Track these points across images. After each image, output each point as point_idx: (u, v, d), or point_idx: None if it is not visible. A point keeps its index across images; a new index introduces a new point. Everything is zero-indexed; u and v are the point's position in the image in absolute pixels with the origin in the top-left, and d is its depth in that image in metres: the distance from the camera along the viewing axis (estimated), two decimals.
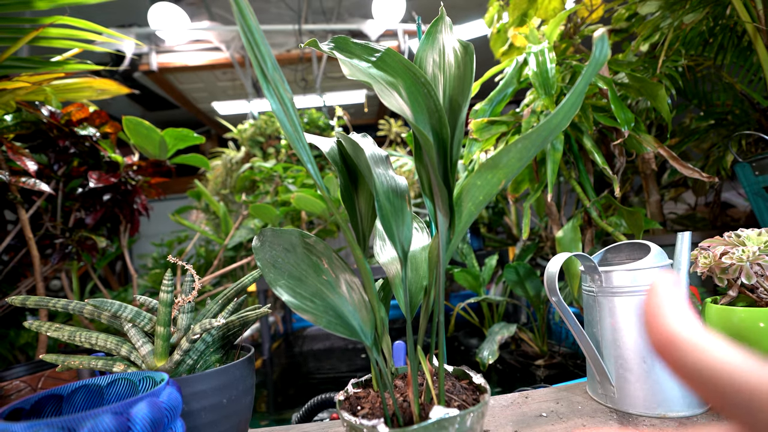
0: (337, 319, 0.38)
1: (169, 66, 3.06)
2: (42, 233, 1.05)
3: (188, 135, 1.12)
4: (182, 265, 0.54)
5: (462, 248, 1.83)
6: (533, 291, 1.43)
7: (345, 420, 0.36)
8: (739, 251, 0.54)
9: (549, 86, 0.98)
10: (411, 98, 0.35)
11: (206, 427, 0.45)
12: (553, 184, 0.96)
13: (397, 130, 2.81)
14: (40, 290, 0.97)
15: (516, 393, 0.62)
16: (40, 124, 0.98)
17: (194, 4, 2.98)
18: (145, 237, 3.13)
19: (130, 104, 4.02)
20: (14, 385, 0.82)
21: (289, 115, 0.34)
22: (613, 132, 1.06)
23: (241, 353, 0.54)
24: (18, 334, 1.22)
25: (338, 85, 3.75)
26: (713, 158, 1.38)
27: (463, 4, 3.10)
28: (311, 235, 0.45)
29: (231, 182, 2.42)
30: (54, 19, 0.84)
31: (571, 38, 1.25)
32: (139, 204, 1.17)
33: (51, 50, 0.95)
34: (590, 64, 0.27)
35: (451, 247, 0.38)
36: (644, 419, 0.49)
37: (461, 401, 0.39)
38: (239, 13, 0.29)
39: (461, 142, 0.37)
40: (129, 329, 0.49)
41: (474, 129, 1.09)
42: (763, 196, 0.99)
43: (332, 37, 0.37)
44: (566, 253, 0.52)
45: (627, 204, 1.71)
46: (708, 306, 0.56)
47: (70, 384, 0.41)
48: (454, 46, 0.40)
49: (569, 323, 0.53)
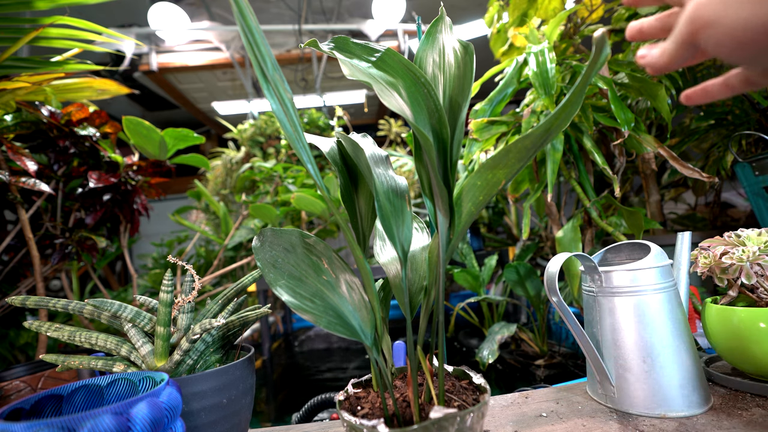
0: (337, 319, 0.38)
1: (169, 66, 3.06)
2: (42, 233, 1.05)
3: (188, 135, 1.12)
4: (182, 265, 0.54)
5: (462, 248, 1.83)
6: (533, 291, 1.43)
7: (345, 420, 0.36)
8: (739, 251, 0.54)
9: (549, 86, 0.98)
10: (411, 98, 0.35)
11: (206, 427, 0.45)
12: (553, 184, 0.96)
13: (397, 130, 2.81)
14: (40, 290, 0.97)
15: (516, 393, 0.62)
16: (40, 124, 0.98)
17: (194, 4, 2.98)
18: (145, 237, 3.13)
19: (130, 104, 4.02)
20: (14, 385, 0.82)
21: (289, 115, 0.34)
22: (613, 132, 1.06)
23: (241, 353, 0.54)
24: (18, 334, 1.22)
25: (338, 85, 3.75)
26: (713, 158, 1.38)
27: (463, 4, 3.10)
28: (311, 235, 0.45)
29: (231, 182, 2.42)
30: (54, 19, 0.84)
31: (571, 38, 1.24)
32: (139, 204, 1.17)
33: (51, 50, 0.95)
34: (590, 64, 0.27)
35: (451, 247, 0.38)
36: (644, 419, 0.49)
37: (461, 401, 0.39)
38: (239, 13, 0.29)
39: (461, 142, 0.37)
40: (129, 329, 0.49)
41: (474, 129, 1.09)
42: (763, 196, 0.99)
43: (332, 37, 0.37)
44: (566, 253, 0.52)
45: (627, 204, 1.71)
46: (708, 306, 0.56)
47: (70, 384, 0.41)
48: (454, 46, 0.40)
49: (569, 323, 0.53)
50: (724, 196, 1.75)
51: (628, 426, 0.48)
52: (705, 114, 1.38)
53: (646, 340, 0.51)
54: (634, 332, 0.51)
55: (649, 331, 0.51)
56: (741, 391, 0.53)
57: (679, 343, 0.50)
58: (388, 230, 0.38)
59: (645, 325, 0.51)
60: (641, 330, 0.51)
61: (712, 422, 0.46)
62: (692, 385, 0.49)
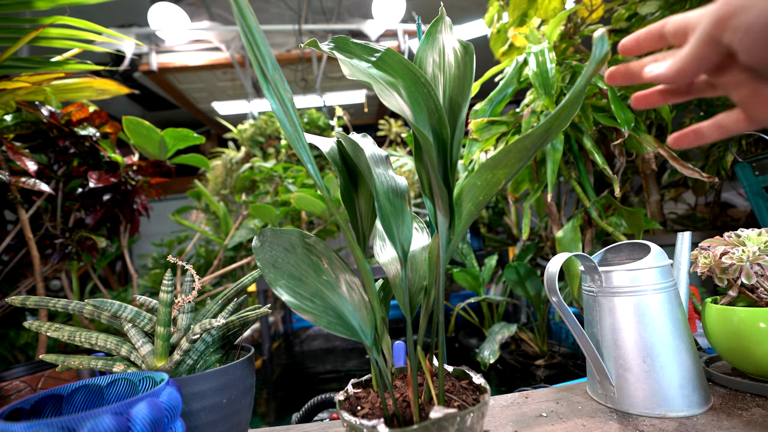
0: (337, 319, 0.38)
1: (169, 66, 3.06)
2: (42, 233, 1.05)
3: (188, 135, 1.12)
4: (182, 265, 0.54)
5: (462, 248, 1.83)
6: (533, 291, 1.43)
7: (345, 420, 0.36)
8: (739, 251, 0.54)
9: (549, 86, 0.98)
10: (411, 98, 0.35)
11: (206, 427, 0.45)
12: (553, 184, 0.96)
13: (397, 130, 2.81)
14: (40, 290, 0.97)
15: (516, 393, 0.62)
16: (40, 124, 0.98)
17: (194, 4, 2.98)
18: (145, 237, 3.13)
19: (130, 104, 4.02)
20: (14, 385, 0.82)
21: (289, 115, 0.34)
22: (613, 132, 1.06)
23: (241, 353, 0.54)
24: (18, 334, 1.22)
25: (338, 85, 3.75)
26: (713, 158, 1.37)
27: (463, 4, 3.10)
28: (311, 235, 0.45)
29: (231, 182, 2.42)
30: (54, 19, 0.84)
31: (571, 38, 1.24)
32: (139, 204, 1.17)
33: (51, 50, 0.95)
34: (590, 64, 0.27)
35: (451, 247, 0.38)
36: (644, 419, 0.49)
37: (461, 401, 0.39)
38: (239, 13, 0.29)
39: (461, 142, 0.37)
40: (129, 329, 0.49)
41: (474, 129, 1.09)
42: (763, 196, 0.99)
43: (332, 37, 0.37)
44: (566, 253, 0.52)
45: (627, 204, 1.71)
46: (708, 306, 0.56)
47: (70, 384, 0.41)
48: (454, 46, 0.40)
49: (569, 323, 0.53)
50: (724, 196, 1.75)
51: (628, 426, 0.48)
52: (705, 114, 1.38)
53: (646, 340, 0.51)
54: (634, 332, 0.51)
55: (649, 331, 0.51)
56: (741, 391, 0.53)
57: (679, 343, 0.50)
58: (388, 230, 0.38)
59: (645, 325, 0.51)
60: (641, 330, 0.51)
61: (712, 422, 0.46)
62: (692, 385, 0.49)
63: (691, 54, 0.27)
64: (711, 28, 0.25)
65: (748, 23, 0.24)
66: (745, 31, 0.24)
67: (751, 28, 0.24)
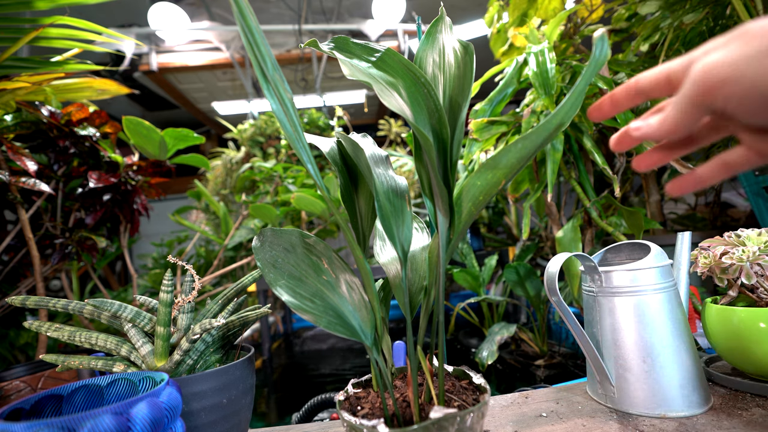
0: (337, 319, 0.38)
1: (169, 66, 3.06)
2: (42, 233, 1.05)
3: (188, 135, 1.12)
4: (182, 265, 0.54)
5: (462, 248, 1.83)
6: (533, 291, 1.43)
7: (345, 420, 0.36)
8: (739, 251, 0.54)
9: (549, 86, 0.98)
10: (411, 98, 0.35)
11: (206, 427, 0.45)
12: (553, 184, 0.96)
13: (397, 130, 2.81)
14: (40, 290, 0.97)
15: (516, 393, 0.62)
16: (40, 124, 0.98)
17: (194, 4, 2.98)
18: (145, 237, 3.13)
19: (130, 104, 4.02)
20: (14, 385, 0.82)
21: (289, 115, 0.34)
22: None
23: (241, 353, 0.54)
24: (18, 334, 1.22)
25: (338, 85, 3.75)
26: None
27: (463, 4, 3.10)
28: (311, 235, 0.45)
29: (231, 182, 2.42)
30: (54, 19, 0.84)
31: (571, 38, 1.25)
32: (139, 204, 1.17)
33: (51, 50, 0.95)
34: (590, 64, 0.27)
35: (451, 247, 0.38)
36: (644, 419, 0.49)
37: (461, 401, 0.39)
38: (239, 13, 0.29)
39: (461, 142, 0.37)
40: (129, 329, 0.49)
41: (474, 129, 1.09)
42: (763, 196, 0.99)
43: (332, 37, 0.37)
44: (566, 253, 0.52)
45: (627, 204, 1.71)
46: (708, 306, 0.56)
47: (70, 384, 0.41)
48: (454, 46, 0.40)
49: (569, 323, 0.53)
50: (724, 196, 1.75)
51: (628, 426, 0.48)
52: None
53: (646, 340, 0.51)
54: (634, 332, 0.51)
55: (649, 331, 0.51)
56: (741, 391, 0.53)
57: (679, 343, 0.50)
58: (388, 230, 0.38)
59: (645, 325, 0.51)
60: (641, 330, 0.51)
61: (712, 422, 0.46)
62: (692, 385, 0.49)
63: (678, 115, 0.26)
64: (697, 95, 0.24)
65: (741, 94, 0.23)
66: (739, 102, 0.23)
67: (745, 98, 0.23)
